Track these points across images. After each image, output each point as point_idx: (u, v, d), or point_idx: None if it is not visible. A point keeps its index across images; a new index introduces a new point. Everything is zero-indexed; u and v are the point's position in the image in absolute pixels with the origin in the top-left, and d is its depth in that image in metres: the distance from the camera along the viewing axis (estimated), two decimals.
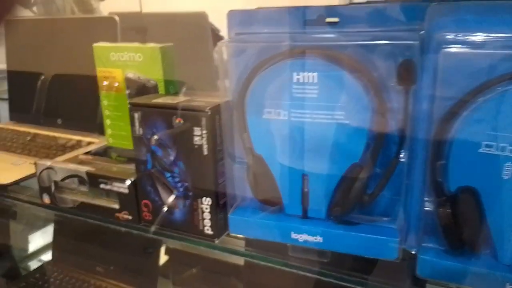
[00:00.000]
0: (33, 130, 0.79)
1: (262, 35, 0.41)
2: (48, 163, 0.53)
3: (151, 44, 0.51)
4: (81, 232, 0.85)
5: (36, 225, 1.09)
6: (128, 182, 0.48)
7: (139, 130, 0.46)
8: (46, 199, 0.54)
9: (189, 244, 0.46)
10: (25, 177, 0.60)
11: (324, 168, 0.40)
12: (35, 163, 0.54)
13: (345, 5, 0.40)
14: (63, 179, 0.52)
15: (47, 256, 0.98)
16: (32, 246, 1.06)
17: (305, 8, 0.40)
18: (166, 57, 0.51)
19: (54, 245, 0.91)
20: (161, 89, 0.52)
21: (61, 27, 0.79)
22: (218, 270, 0.80)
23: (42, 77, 0.82)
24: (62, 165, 0.52)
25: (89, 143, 0.70)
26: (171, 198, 0.47)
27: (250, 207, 0.45)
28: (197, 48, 0.95)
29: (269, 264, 0.43)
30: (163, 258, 0.83)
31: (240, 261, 0.72)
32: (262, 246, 0.44)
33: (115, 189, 0.49)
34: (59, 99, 0.81)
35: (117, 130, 0.57)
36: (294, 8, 0.40)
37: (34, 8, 1.86)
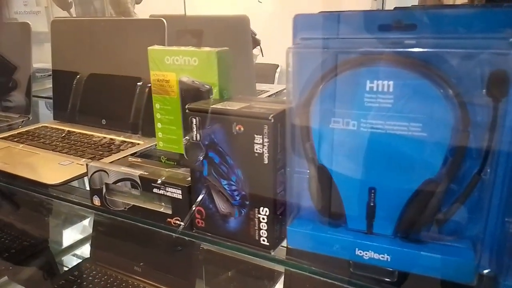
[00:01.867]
0: (77, 130, 0.80)
1: (330, 40, 0.39)
2: (100, 165, 0.53)
3: (207, 48, 0.50)
4: (120, 231, 0.86)
5: (70, 221, 1.10)
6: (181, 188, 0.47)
7: (196, 136, 0.45)
8: (97, 201, 0.54)
9: (244, 254, 0.45)
10: (74, 177, 0.60)
11: (395, 182, 0.38)
12: (86, 165, 0.54)
13: (424, 8, 0.38)
14: (115, 182, 0.52)
15: (81, 251, 0.99)
16: (66, 241, 1.07)
17: (379, 12, 0.38)
18: (221, 62, 0.50)
19: (93, 243, 0.92)
20: (215, 94, 0.51)
21: (108, 28, 0.80)
22: (254, 274, 0.78)
23: (86, 77, 0.83)
24: (114, 167, 0.52)
25: (125, 143, 0.71)
26: (200, 197, 0.46)
27: (309, 219, 0.43)
28: (238, 51, 0.95)
29: (330, 281, 0.41)
30: (198, 259, 0.82)
31: (277, 266, 0.71)
32: (305, 256, 0.42)
33: (168, 194, 0.48)
34: (102, 99, 0.81)
35: (168, 134, 0.56)
36: (367, 12, 0.38)
37: (72, 10, 1.91)
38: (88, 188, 0.55)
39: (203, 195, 0.46)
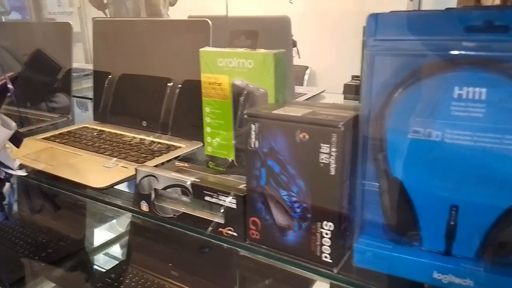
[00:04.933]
0: (118, 131, 0.79)
1: (411, 42, 0.35)
2: (150, 170, 0.51)
3: (263, 50, 0.48)
4: (156, 234, 0.85)
5: (105, 221, 1.10)
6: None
7: (254, 143, 0.42)
8: (144, 207, 0.53)
9: (303, 270, 0.42)
10: (120, 181, 0.59)
11: (482, 200, 0.34)
12: (135, 169, 0.52)
13: None
14: (164, 188, 0.50)
15: (116, 253, 0.99)
16: (102, 242, 1.07)
17: (466, 11, 0.34)
18: (278, 64, 0.48)
19: (129, 245, 0.92)
20: (270, 98, 0.49)
21: (151, 29, 0.79)
22: (290, 280, 0.76)
23: (127, 78, 0.83)
24: (164, 173, 0.50)
25: (167, 145, 0.69)
26: (227, 202, 0.44)
27: (378, 236, 0.40)
28: None
29: None
30: (236, 264, 0.80)
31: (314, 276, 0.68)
32: (364, 275, 0.39)
33: (221, 203, 0.46)
34: (144, 100, 0.80)
35: (218, 138, 0.54)
36: (451, 11, 0.35)
37: (107, 10, 1.94)
38: (123, 189, 0.53)
39: (232, 197, 0.44)
